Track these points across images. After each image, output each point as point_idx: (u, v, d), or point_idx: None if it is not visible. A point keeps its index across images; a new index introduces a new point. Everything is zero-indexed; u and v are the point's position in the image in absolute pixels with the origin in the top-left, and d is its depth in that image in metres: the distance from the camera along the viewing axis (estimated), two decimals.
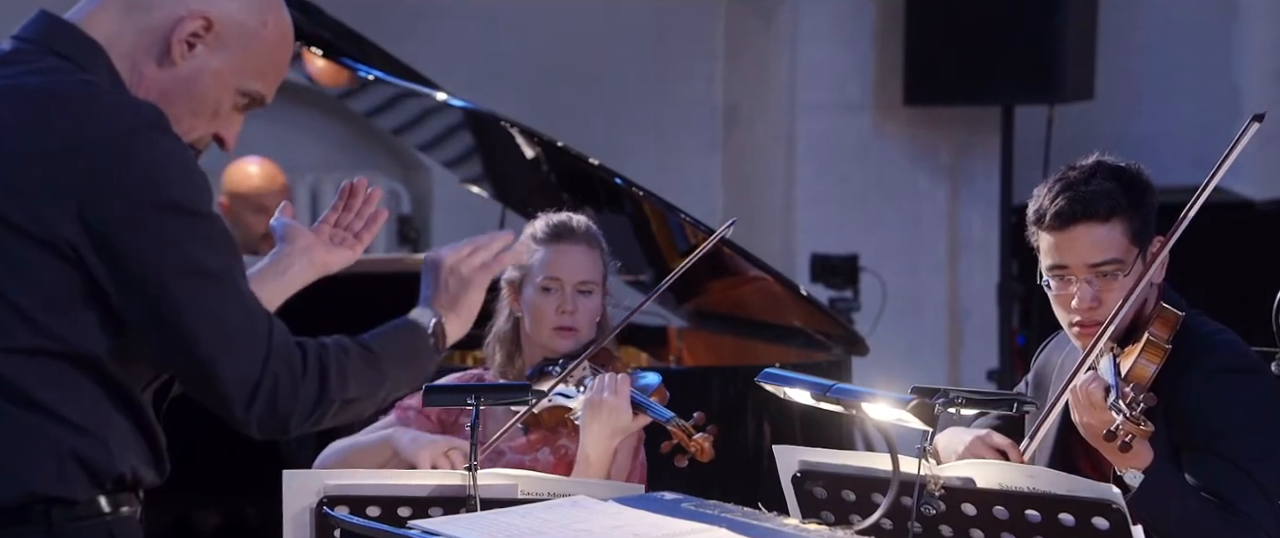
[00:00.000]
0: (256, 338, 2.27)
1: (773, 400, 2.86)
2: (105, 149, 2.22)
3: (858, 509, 2.72)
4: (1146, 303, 3.03)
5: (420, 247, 6.64)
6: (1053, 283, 3.04)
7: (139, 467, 2.32)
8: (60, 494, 2.26)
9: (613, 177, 4.57)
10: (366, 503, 2.87)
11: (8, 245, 2.22)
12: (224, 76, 2.34)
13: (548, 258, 3.44)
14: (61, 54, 2.30)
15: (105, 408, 2.29)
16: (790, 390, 2.73)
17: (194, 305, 2.23)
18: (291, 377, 2.28)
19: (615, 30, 6.72)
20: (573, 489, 2.83)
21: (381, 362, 2.39)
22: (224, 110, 2.36)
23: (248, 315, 2.27)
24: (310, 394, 2.30)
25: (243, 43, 2.34)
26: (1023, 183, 6.45)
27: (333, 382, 2.32)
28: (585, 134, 5.69)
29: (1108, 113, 6.63)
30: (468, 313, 2.50)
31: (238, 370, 2.25)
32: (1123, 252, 3.00)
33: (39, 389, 2.25)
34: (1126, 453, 2.81)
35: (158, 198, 2.22)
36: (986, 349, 6.54)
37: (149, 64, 2.32)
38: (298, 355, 2.30)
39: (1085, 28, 6.32)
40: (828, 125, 6.59)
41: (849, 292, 6.28)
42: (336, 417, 2.35)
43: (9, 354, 2.24)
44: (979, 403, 2.76)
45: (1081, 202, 3.00)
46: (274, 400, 2.27)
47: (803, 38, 6.56)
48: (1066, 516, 2.61)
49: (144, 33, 2.32)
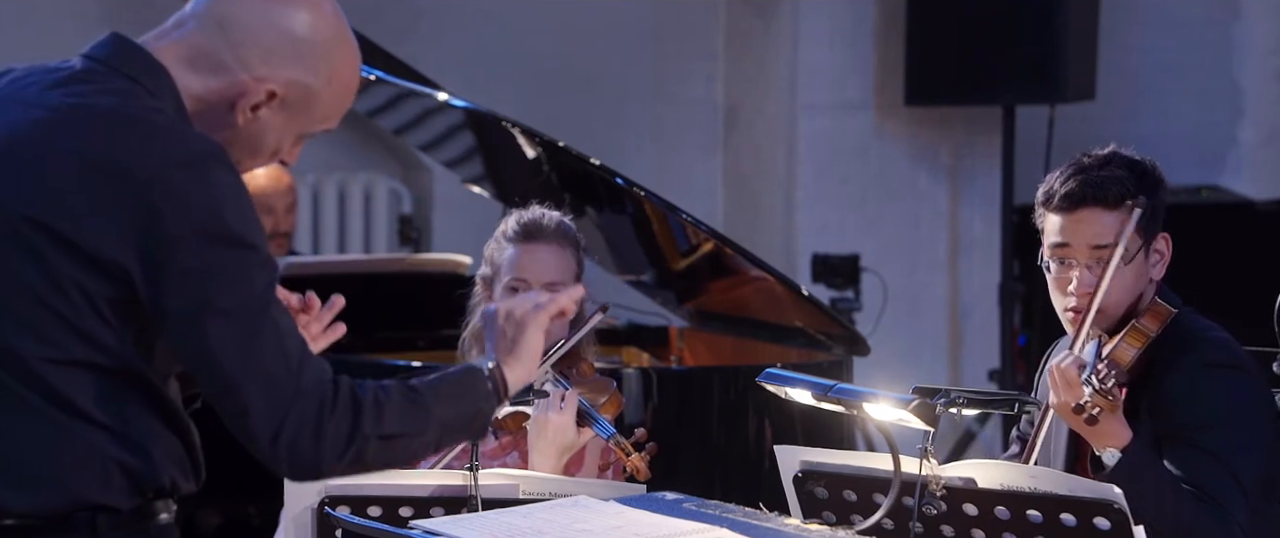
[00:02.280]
0: (287, 374, 2.25)
1: (774, 401, 2.86)
2: (163, 174, 2.23)
3: (859, 510, 2.72)
4: (1142, 298, 3.04)
5: (421, 247, 6.64)
6: (1053, 265, 3.05)
7: (177, 476, 2.35)
8: (104, 502, 2.29)
9: (613, 177, 4.57)
10: (368, 503, 2.87)
11: (61, 259, 2.24)
12: (286, 130, 2.37)
13: (516, 257, 3.40)
14: (131, 77, 2.31)
15: (149, 419, 2.31)
16: (791, 391, 2.73)
17: (229, 338, 2.24)
18: (319, 413, 2.26)
19: (616, 30, 6.72)
20: (574, 489, 2.83)
21: (424, 398, 2.35)
22: (285, 149, 2.40)
23: (282, 354, 2.26)
24: (341, 430, 2.27)
25: (307, 102, 2.35)
26: (1024, 183, 6.45)
27: (366, 418, 2.28)
28: (586, 134, 5.69)
29: (1109, 112, 6.62)
30: (528, 356, 2.44)
31: (263, 406, 2.25)
32: (1127, 240, 3.01)
33: (87, 400, 2.26)
34: (1092, 426, 2.86)
35: (209, 227, 2.23)
36: (988, 349, 6.54)
37: (211, 117, 2.33)
38: (329, 392, 2.28)
39: (1086, 27, 6.32)
40: (828, 125, 6.59)
41: (850, 292, 6.27)
42: (379, 456, 2.31)
43: (59, 366, 2.25)
44: (980, 403, 2.76)
45: (1092, 185, 3.02)
46: (298, 439, 2.25)
47: (803, 38, 6.56)
48: (1068, 516, 2.61)
49: (209, 92, 2.33)
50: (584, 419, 3.19)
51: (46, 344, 2.25)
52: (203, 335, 2.23)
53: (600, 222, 4.82)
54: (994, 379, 6.43)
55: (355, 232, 6.61)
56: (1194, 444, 2.93)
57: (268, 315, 2.26)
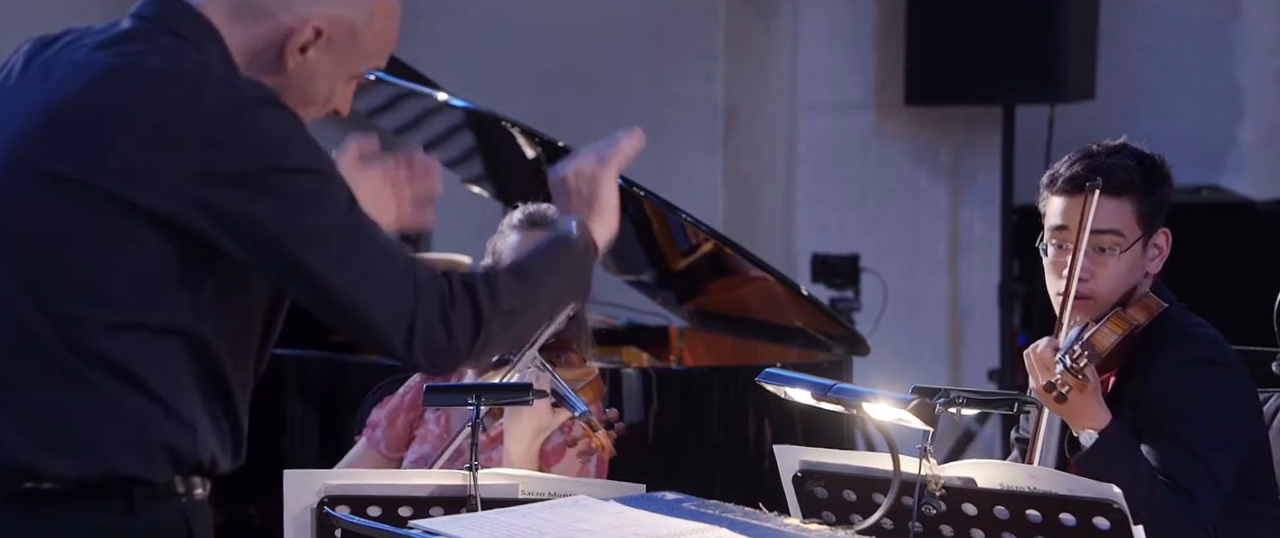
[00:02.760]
0: (401, 278, 2.28)
1: (774, 400, 2.86)
2: (219, 121, 2.24)
3: (859, 509, 2.72)
4: (1135, 290, 3.05)
5: (421, 247, 6.63)
6: (1051, 248, 3.06)
7: (217, 453, 2.35)
8: (142, 475, 2.29)
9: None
10: (367, 503, 2.87)
11: (123, 222, 2.24)
12: (335, 71, 2.38)
13: (519, 244, 3.43)
14: (177, 33, 2.32)
15: (201, 392, 2.32)
16: (791, 390, 2.73)
17: (334, 260, 2.26)
18: (443, 307, 2.30)
19: (616, 30, 6.72)
20: (574, 489, 2.83)
21: (530, 270, 2.39)
22: (337, 92, 2.41)
23: (389, 259, 2.29)
24: (466, 317, 2.31)
25: (352, 39, 2.37)
26: (1024, 183, 6.45)
27: (483, 299, 2.32)
28: (586, 134, 5.67)
29: (1109, 112, 6.62)
30: (609, 211, 2.49)
31: (389, 314, 2.28)
32: (1125, 226, 3.03)
33: (143, 367, 2.27)
34: (1062, 404, 2.88)
35: (279, 163, 2.25)
36: (987, 349, 6.54)
37: (260, 68, 2.34)
38: (444, 285, 2.32)
39: (1086, 27, 6.32)
40: (828, 125, 6.59)
41: (850, 292, 6.28)
42: (505, 334, 2.35)
43: (116, 330, 2.26)
44: (980, 403, 2.76)
45: (1098, 170, 3.03)
46: (431, 333, 2.29)
47: (803, 38, 6.56)
48: (1067, 516, 2.61)
49: (255, 40, 2.34)
50: (560, 401, 3.20)
51: (106, 307, 2.25)
52: (305, 266, 2.25)
53: None
54: (993, 379, 6.43)
55: None
56: (1173, 438, 2.94)
57: (363, 228, 2.29)
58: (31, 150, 2.28)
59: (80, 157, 2.25)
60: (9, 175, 2.29)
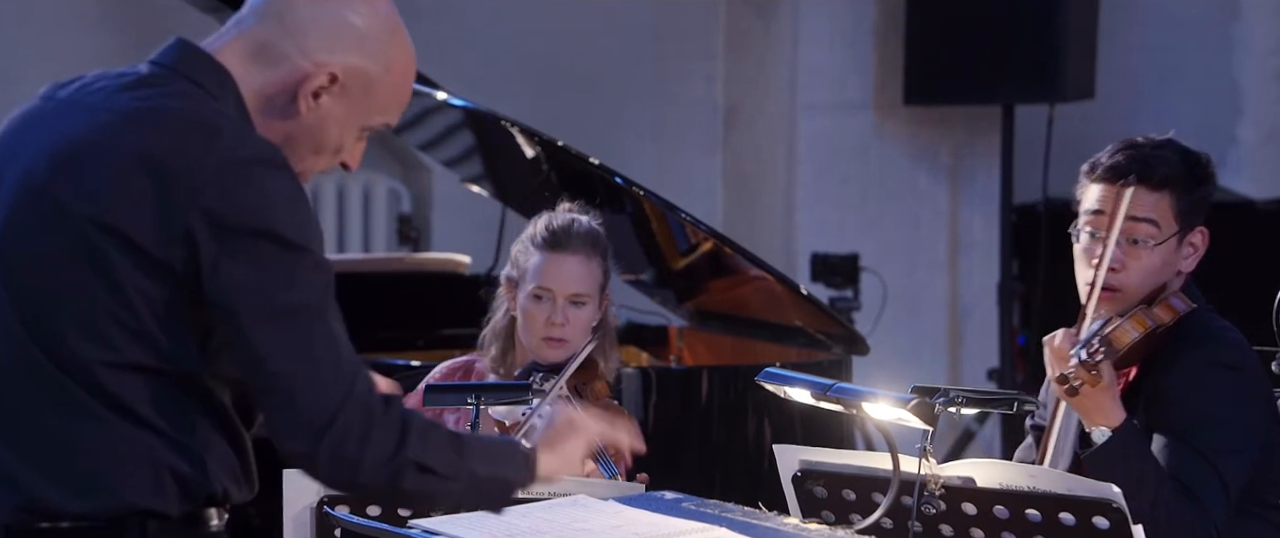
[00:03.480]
0: (340, 378, 2.26)
1: (773, 400, 2.86)
2: (221, 175, 2.24)
3: (858, 509, 2.72)
4: (1166, 287, 3.01)
5: (420, 246, 6.64)
6: (1083, 235, 3.03)
7: (229, 484, 2.36)
8: (155, 508, 2.30)
9: (613, 176, 4.57)
10: (367, 502, 2.87)
11: (124, 262, 2.25)
12: (348, 121, 2.38)
13: (542, 265, 3.39)
14: (192, 79, 2.33)
15: (205, 426, 2.32)
16: (791, 390, 2.73)
17: (282, 343, 2.25)
18: (366, 423, 2.27)
19: (615, 30, 6.72)
20: (573, 489, 2.83)
21: (466, 448, 2.36)
22: (347, 146, 2.41)
23: (334, 356, 2.27)
24: (386, 445, 2.27)
25: (367, 89, 2.37)
26: (1023, 182, 6.45)
27: (412, 440, 2.29)
28: (585, 133, 5.68)
29: (1109, 112, 6.62)
30: (567, 459, 2.46)
31: (313, 404, 2.25)
32: (1162, 219, 3.00)
33: (145, 405, 2.28)
34: (1073, 398, 2.85)
35: (263, 227, 2.24)
36: (987, 349, 6.54)
37: (274, 113, 2.35)
38: (378, 405, 2.29)
39: (1086, 27, 6.32)
40: (828, 125, 6.58)
41: (849, 291, 6.27)
42: (413, 485, 2.31)
43: (119, 370, 2.26)
44: (979, 402, 2.76)
45: (1140, 161, 3.01)
46: (344, 439, 2.26)
47: (803, 37, 6.56)
48: (1067, 515, 2.61)
49: (269, 83, 2.34)
50: None
51: (108, 348, 2.26)
52: (255, 335, 2.24)
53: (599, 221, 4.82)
54: (993, 379, 6.43)
55: (354, 231, 6.61)
56: (1185, 439, 2.92)
57: (323, 319, 2.27)
58: (42, 188, 2.29)
59: (90, 197, 2.26)
60: (21, 212, 2.30)
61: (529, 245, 3.43)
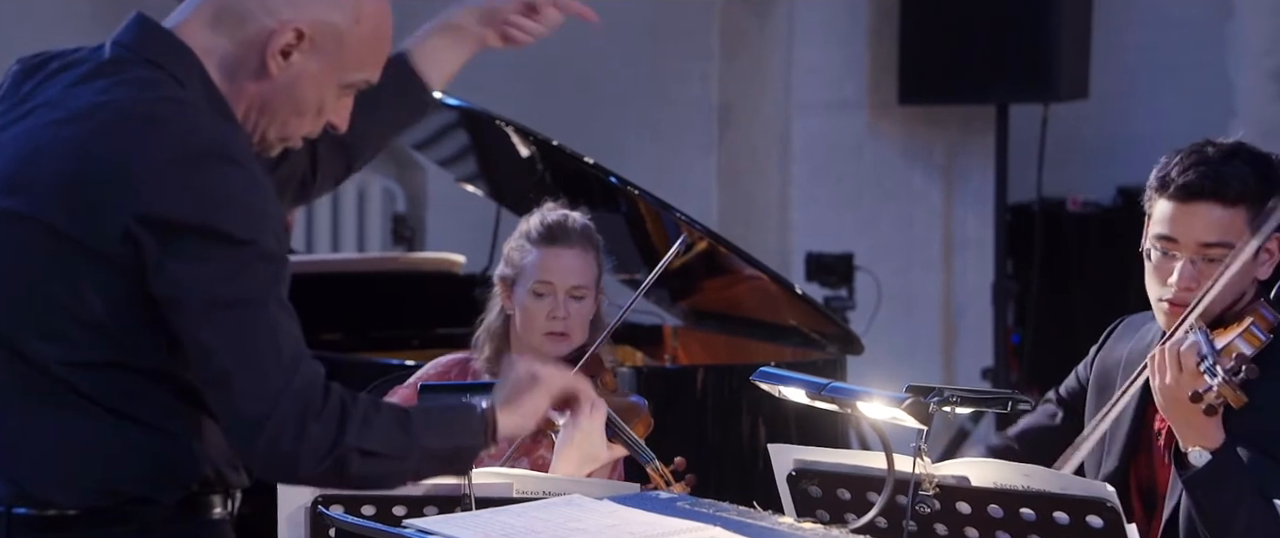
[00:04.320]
0: (279, 369, 2.25)
1: (768, 399, 2.86)
2: (160, 171, 2.22)
3: (853, 508, 2.73)
4: (1243, 296, 2.93)
5: (415, 246, 6.64)
6: (1154, 254, 2.93)
7: (223, 468, 2.34)
8: (150, 496, 2.29)
9: (608, 175, 4.58)
10: (361, 502, 2.87)
11: (83, 264, 2.24)
12: (323, 78, 2.34)
13: (540, 260, 3.41)
14: (155, 62, 2.30)
15: (188, 414, 2.31)
16: (785, 389, 2.73)
17: (224, 330, 2.23)
18: (302, 414, 2.25)
19: (610, 29, 6.66)
20: (568, 488, 2.83)
21: (411, 424, 2.33)
22: (329, 104, 2.36)
23: (275, 347, 2.25)
24: (325, 435, 2.25)
25: (337, 44, 2.33)
26: (1017, 182, 6.46)
27: (351, 427, 2.27)
28: (580, 133, 5.69)
29: (1102, 111, 6.63)
30: (528, 412, 2.45)
31: (251, 396, 2.24)
32: (1237, 238, 2.89)
33: (122, 399, 2.27)
34: (1212, 417, 2.74)
35: (204, 223, 2.22)
36: (981, 348, 6.55)
37: (246, 76, 2.32)
38: (318, 396, 2.27)
39: (1080, 26, 6.33)
40: (823, 124, 6.59)
41: (844, 290, 6.28)
42: (361, 470, 2.29)
43: (87, 368, 2.26)
44: (973, 402, 2.76)
45: (1212, 179, 2.89)
46: (280, 435, 2.24)
47: (798, 37, 6.57)
48: (1061, 514, 2.61)
49: (237, 46, 2.31)
50: (615, 435, 3.10)
51: (75, 349, 2.25)
52: (198, 329, 2.23)
53: (594, 220, 4.82)
54: (987, 378, 6.43)
55: (349, 230, 6.61)
56: (1269, 453, 2.83)
57: (266, 311, 2.25)
58: (2, 187, 2.28)
59: (45, 201, 2.25)
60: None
61: (525, 242, 3.44)
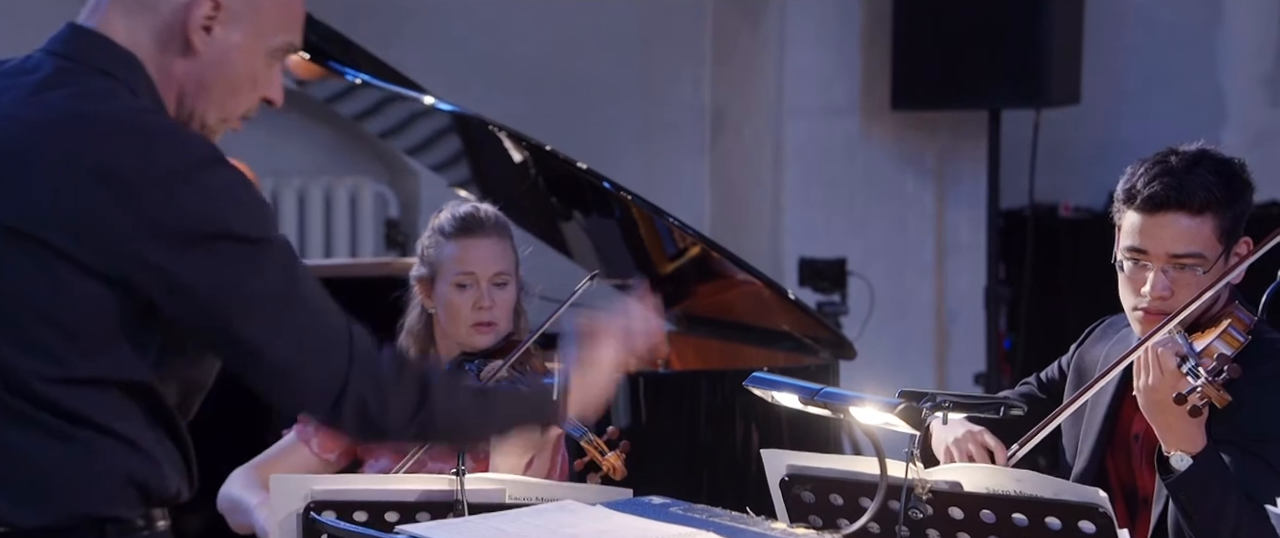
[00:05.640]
0: (335, 347, 2.27)
1: (760, 404, 2.86)
2: (169, 183, 2.21)
3: (845, 513, 2.73)
4: (1218, 301, 2.94)
5: (408, 251, 6.63)
6: (1126, 265, 2.95)
7: (179, 484, 2.35)
8: (114, 514, 2.29)
9: (600, 180, 4.58)
10: (353, 508, 2.87)
11: (63, 276, 2.22)
12: (249, 46, 2.33)
13: (458, 253, 3.38)
14: (106, 71, 2.28)
15: (155, 428, 2.31)
16: (778, 394, 2.74)
17: (269, 329, 2.25)
18: (378, 379, 2.29)
19: (603, 33, 6.72)
20: (560, 494, 2.83)
21: (497, 406, 2.44)
22: (261, 74, 2.35)
23: (325, 327, 2.28)
24: (410, 401, 2.31)
25: (254, 8, 2.32)
26: (1009, 187, 6.47)
27: (437, 396, 2.33)
28: (573, 137, 5.69)
29: (1094, 116, 6.64)
30: (596, 396, 2.56)
31: (320, 382, 2.27)
32: (1207, 247, 2.91)
33: (98, 414, 2.26)
34: (1196, 419, 2.74)
35: (222, 229, 2.22)
36: (973, 353, 6.55)
37: (174, 61, 2.30)
38: (387, 360, 2.31)
39: (1071, 32, 6.33)
40: (815, 129, 6.59)
41: (836, 295, 6.28)
42: (442, 436, 2.39)
43: (68, 384, 2.24)
44: (966, 407, 2.76)
45: (1177, 189, 2.90)
46: (363, 401, 2.28)
47: (790, 41, 6.57)
48: (1053, 519, 2.61)
49: (158, 31, 2.30)
50: None
51: (55, 364, 2.23)
52: (239, 335, 2.24)
53: (587, 225, 4.82)
54: (980, 383, 6.43)
55: (341, 236, 6.61)
56: (1253, 453, 2.85)
57: (300, 295, 2.27)
58: None
59: (21, 209, 2.22)
60: None
61: (439, 238, 3.42)
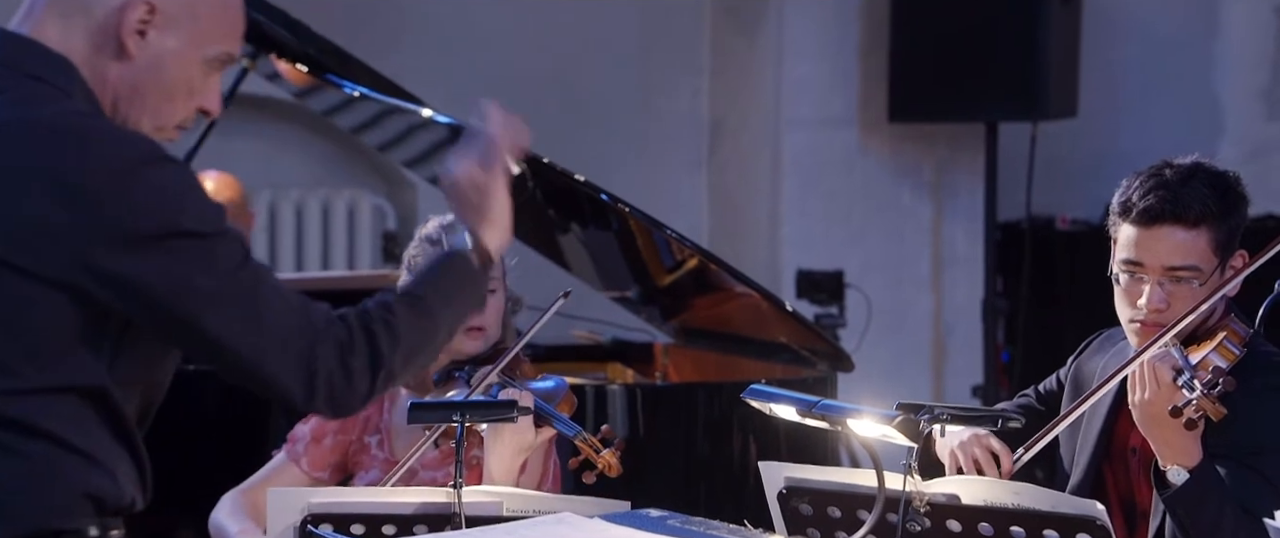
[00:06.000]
0: (298, 330, 2.26)
1: (758, 417, 2.86)
2: (109, 188, 2.19)
3: (843, 526, 2.73)
4: (1213, 314, 2.94)
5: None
6: (1122, 277, 2.95)
7: (134, 494, 2.33)
8: (67, 527, 2.27)
9: (598, 192, 4.57)
10: (351, 521, 2.87)
11: (12, 287, 2.20)
12: (185, 53, 2.30)
13: None
14: (37, 77, 2.26)
15: (110, 439, 2.29)
16: (776, 407, 2.74)
17: (228, 320, 2.23)
18: (341, 353, 2.27)
19: (600, 45, 6.72)
20: (558, 506, 2.83)
21: (426, 298, 2.37)
22: (197, 83, 2.32)
23: (285, 311, 2.26)
24: (365, 361, 2.29)
25: (191, 14, 2.29)
26: (1006, 199, 6.47)
27: (382, 342, 2.30)
28: (570, 150, 5.68)
29: (1091, 129, 6.64)
30: (500, 217, 2.46)
31: (288, 368, 2.25)
32: (1202, 260, 2.91)
33: (53, 426, 2.24)
34: (1192, 432, 2.74)
35: (170, 227, 2.20)
36: (971, 365, 6.55)
37: (108, 65, 2.28)
38: (343, 331, 2.29)
39: (1068, 45, 6.34)
40: (812, 141, 6.60)
41: (834, 308, 6.28)
42: (406, 370, 2.35)
43: (22, 395, 2.22)
44: (964, 419, 2.77)
45: (1172, 202, 2.91)
46: (332, 381, 2.27)
47: (788, 53, 6.58)
48: (1051, 532, 2.61)
49: (92, 34, 2.27)
50: (542, 419, 3.14)
51: (8, 376, 2.21)
52: (199, 328, 2.22)
53: (585, 238, 4.82)
54: (977, 395, 6.43)
55: (339, 248, 6.61)
56: (1247, 465, 2.85)
57: (257, 282, 2.25)
58: None
59: None
60: None
61: (426, 247, 3.42)
